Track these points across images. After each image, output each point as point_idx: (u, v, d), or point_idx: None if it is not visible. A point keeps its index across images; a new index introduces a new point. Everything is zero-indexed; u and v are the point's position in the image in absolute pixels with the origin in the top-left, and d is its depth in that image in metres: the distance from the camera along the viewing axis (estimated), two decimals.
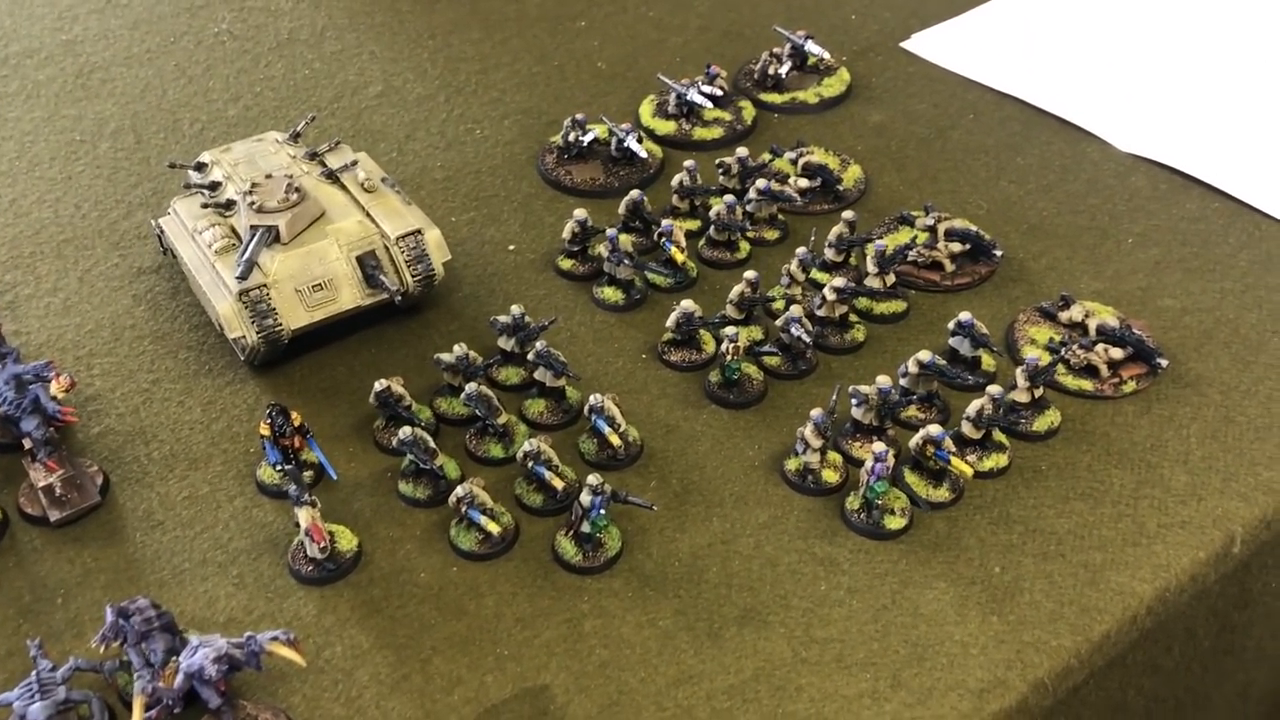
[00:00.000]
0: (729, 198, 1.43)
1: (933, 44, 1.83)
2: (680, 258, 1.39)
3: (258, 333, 1.25)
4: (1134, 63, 1.78)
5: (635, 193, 1.45)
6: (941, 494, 1.15)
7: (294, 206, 1.28)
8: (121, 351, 1.36)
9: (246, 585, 1.11)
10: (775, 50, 1.74)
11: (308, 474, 1.18)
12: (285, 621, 1.07)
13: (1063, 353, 1.26)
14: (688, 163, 1.48)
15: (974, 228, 1.42)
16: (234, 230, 1.31)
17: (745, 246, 1.46)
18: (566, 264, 1.44)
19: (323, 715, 1.00)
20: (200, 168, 1.40)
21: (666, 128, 1.65)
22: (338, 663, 1.04)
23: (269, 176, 1.32)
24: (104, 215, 1.55)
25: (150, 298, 1.43)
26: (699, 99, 1.63)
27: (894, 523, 1.12)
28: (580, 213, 1.42)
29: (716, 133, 1.65)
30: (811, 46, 1.71)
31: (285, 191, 1.28)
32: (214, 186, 1.36)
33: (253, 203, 1.28)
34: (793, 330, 1.26)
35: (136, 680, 0.92)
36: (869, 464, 1.11)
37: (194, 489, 1.20)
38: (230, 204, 1.33)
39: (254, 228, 1.27)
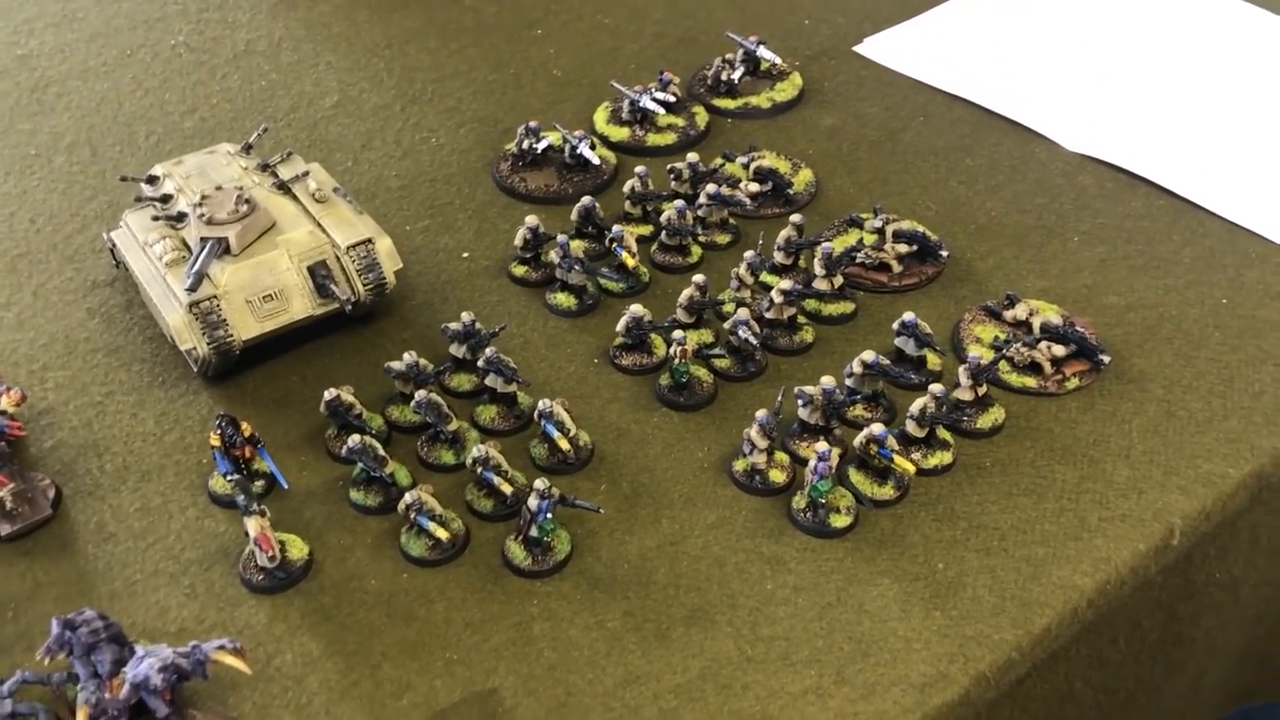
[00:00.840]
0: (680, 203, 1.44)
1: (884, 48, 1.85)
2: (632, 263, 1.41)
3: (209, 344, 1.26)
4: (1082, 64, 1.80)
5: (587, 199, 1.46)
6: (886, 492, 1.17)
7: (244, 218, 1.28)
8: (75, 365, 1.36)
9: (198, 595, 1.11)
10: (728, 56, 1.76)
11: (259, 484, 1.19)
12: (237, 630, 1.08)
13: (1006, 351, 1.28)
14: (639, 169, 1.50)
15: (921, 229, 1.44)
16: (185, 243, 1.31)
17: (697, 251, 1.47)
18: (519, 270, 1.45)
19: None
20: (152, 180, 1.41)
21: (621, 134, 1.66)
22: (288, 670, 1.05)
23: (219, 188, 1.32)
24: (58, 229, 1.56)
25: (104, 311, 1.43)
26: (652, 105, 1.64)
27: (840, 521, 1.14)
28: (532, 219, 1.43)
29: (670, 138, 1.66)
30: (764, 52, 1.73)
31: (235, 203, 1.29)
32: (166, 199, 1.37)
33: (202, 214, 1.28)
34: (740, 333, 1.27)
35: (80, 691, 0.93)
36: (812, 464, 1.12)
37: (146, 500, 1.20)
38: (181, 216, 1.33)
39: (204, 239, 1.27)
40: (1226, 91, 1.73)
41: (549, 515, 1.09)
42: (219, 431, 1.16)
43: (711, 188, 1.47)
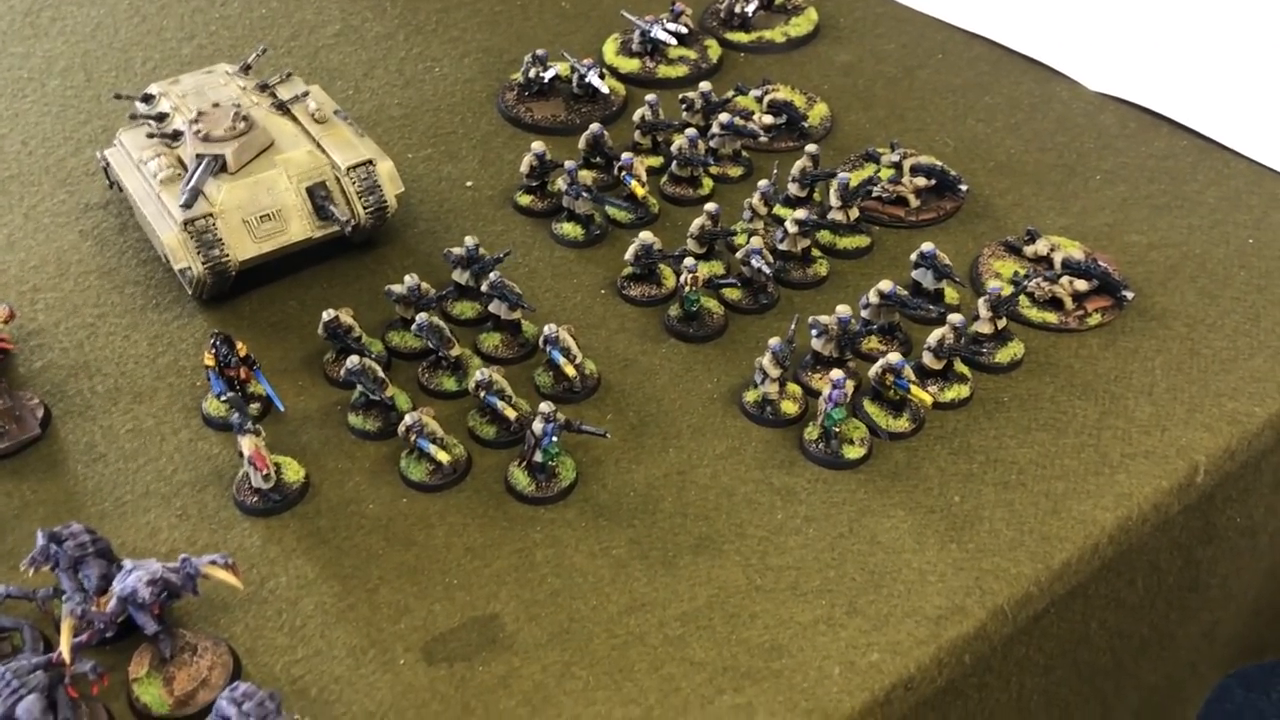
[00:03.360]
0: (691, 132, 1.40)
1: None
2: (641, 192, 1.36)
3: (204, 264, 1.22)
4: (1103, 1, 1.75)
5: (595, 126, 1.42)
6: (901, 424, 1.13)
7: (241, 135, 1.24)
8: (67, 286, 1.32)
9: (190, 517, 1.08)
10: None
11: (255, 407, 1.15)
12: (230, 552, 1.04)
13: (1026, 285, 1.24)
14: (649, 97, 1.45)
15: (939, 163, 1.40)
16: (181, 161, 1.27)
17: (708, 183, 1.43)
18: (525, 199, 1.41)
19: (265, 645, 0.97)
20: (147, 99, 1.36)
21: (630, 66, 1.62)
22: (282, 593, 1.01)
23: (216, 105, 1.28)
24: (51, 152, 1.51)
25: (97, 233, 1.39)
26: (664, 36, 1.60)
27: (852, 452, 1.10)
28: (538, 145, 1.38)
29: (681, 71, 1.61)
30: None
31: (232, 120, 1.25)
32: (161, 118, 1.32)
33: (198, 131, 1.24)
34: (753, 262, 1.23)
35: (65, 604, 0.90)
36: (827, 391, 1.08)
37: (138, 422, 1.17)
38: (177, 135, 1.29)
39: (200, 156, 1.23)
40: (1252, 30, 1.68)
41: (554, 439, 1.05)
42: (213, 350, 1.12)
43: (725, 117, 1.42)
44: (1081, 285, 1.24)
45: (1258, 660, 1.47)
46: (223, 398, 1.12)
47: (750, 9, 1.68)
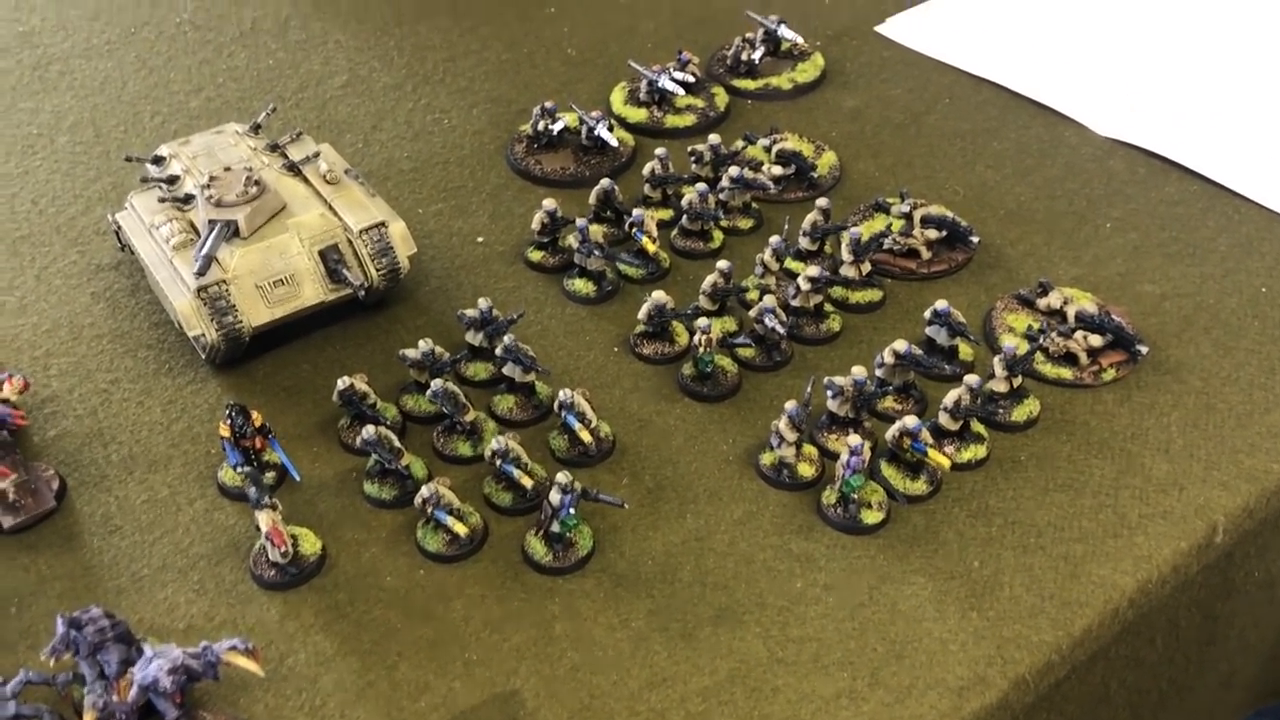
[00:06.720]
0: (701, 186, 1.40)
1: (907, 28, 1.81)
2: (652, 248, 1.36)
3: (217, 330, 1.22)
4: (1111, 46, 1.75)
5: (606, 182, 1.42)
6: (919, 487, 1.13)
7: (253, 200, 1.24)
8: (80, 351, 1.32)
9: (207, 591, 1.08)
10: (748, 35, 1.71)
11: (270, 475, 1.15)
12: (248, 628, 1.04)
13: (1041, 340, 1.24)
14: (659, 151, 1.45)
15: (950, 214, 1.40)
16: (193, 225, 1.27)
17: (719, 236, 1.43)
18: (536, 256, 1.41)
19: None
20: (158, 161, 1.37)
21: (638, 115, 1.62)
22: (301, 670, 1.01)
23: (228, 169, 1.28)
24: (61, 211, 1.51)
25: (109, 295, 1.39)
26: (671, 86, 1.60)
27: (871, 517, 1.10)
28: (549, 203, 1.39)
29: (689, 120, 1.62)
30: (785, 31, 1.69)
31: (244, 184, 1.25)
32: (172, 180, 1.32)
33: (211, 196, 1.24)
34: (767, 321, 1.23)
35: (88, 694, 0.89)
36: (844, 458, 1.08)
37: (153, 492, 1.16)
38: (189, 198, 1.29)
39: (212, 222, 1.23)
40: (1260, 74, 1.68)
41: (572, 511, 1.05)
42: (229, 422, 1.12)
43: (734, 170, 1.43)
44: (1096, 340, 1.24)
45: (1275, 701, 1.46)
46: (239, 470, 1.12)
47: (756, 56, 1.68)
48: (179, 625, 1.05)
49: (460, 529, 1.07)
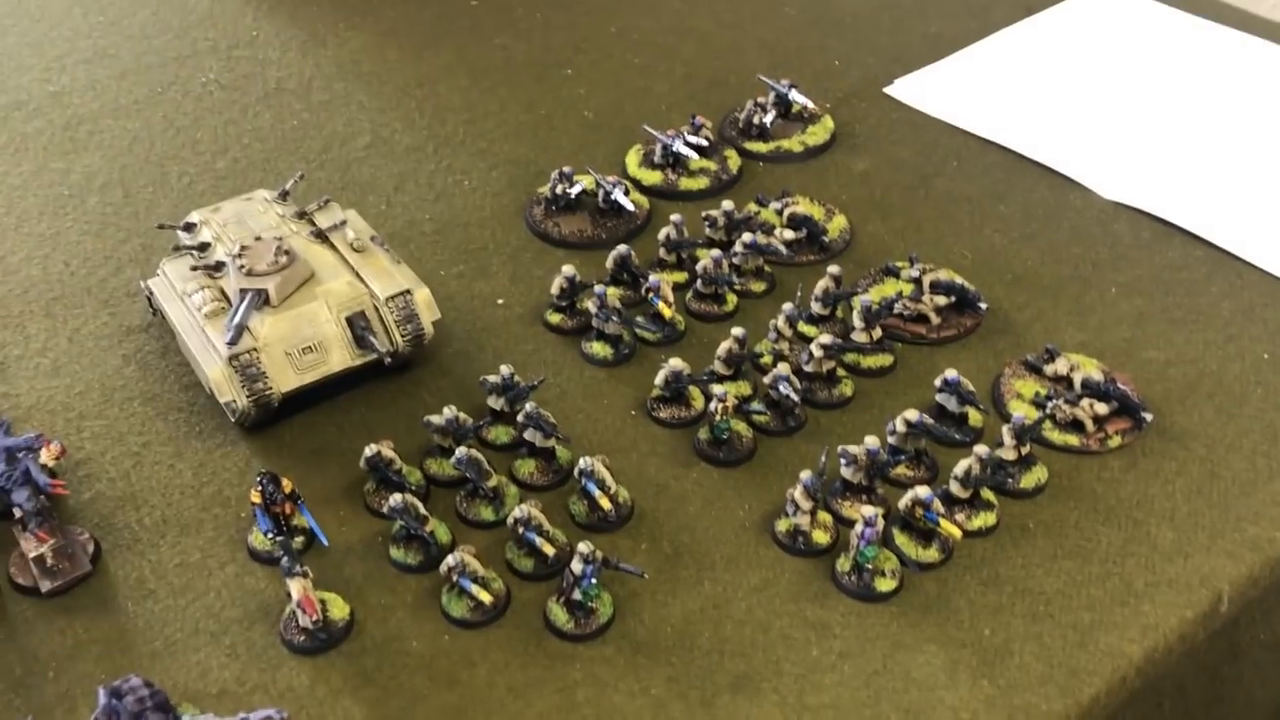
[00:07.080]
0: (715, 251, 1.44)
1: (915, 89, 1.85)
2: (668, 312, 1.40)
3: (248, 396, 1.26)
4: (1116, 110, 1.80)
5: (622, 248, 1.46)
6: (931, 554, 1.16)
7: (283, 269, 1.28)
8: (112, 414, 1.36)
9: (239, 655, 1.11)
10: (760, 99, 1.76)
11: (299, 539, 1.19)
12: (279, 692, 1.07)
13: (1049, 408, 1.27)
14: (674, 217, 1.49)
15: (959, 280, 1.43)
16: (223, 292, 1.31)
17: (732, 299, 1.47)
18: (555, 318, 1.45)
19: None
20: (189, 228, 1.41)
21: (653, 178, 1.66)
22: None
23: (258, 238, 1.32)
24: (93, 272, 1.55)
25: (140, 357, 1.43)
26: (684, 150, 1.64)
27: (884, 584, 1.13)
28: (568, 269, 1.42)
29: (703, 183, 1.66)
30: (795, 95, 1.73)
31: (275, 254, 1.29)
32: (203, 247, 1.36)
33: (242, 266, 1.28)
34: (781, 389, 1.27)
35: None
36: (858, 528, 1.11)
37: (185, 555, 1.20)
38: (219, 265, 1.33)
39: (243, 291, 1.27)
40: (1263, 140, 1.72)
41: (594, 580, 1.08)
42: (260, 489, 1.16)
43: (748, 236, 1.47)
44: (1102, 408, 1.27)
45: None
46: (270, 536, 1.15)
47: (768, 119, 1.72)
48: (212, 690, 1.08)
49: (485, 596, 1.10)
